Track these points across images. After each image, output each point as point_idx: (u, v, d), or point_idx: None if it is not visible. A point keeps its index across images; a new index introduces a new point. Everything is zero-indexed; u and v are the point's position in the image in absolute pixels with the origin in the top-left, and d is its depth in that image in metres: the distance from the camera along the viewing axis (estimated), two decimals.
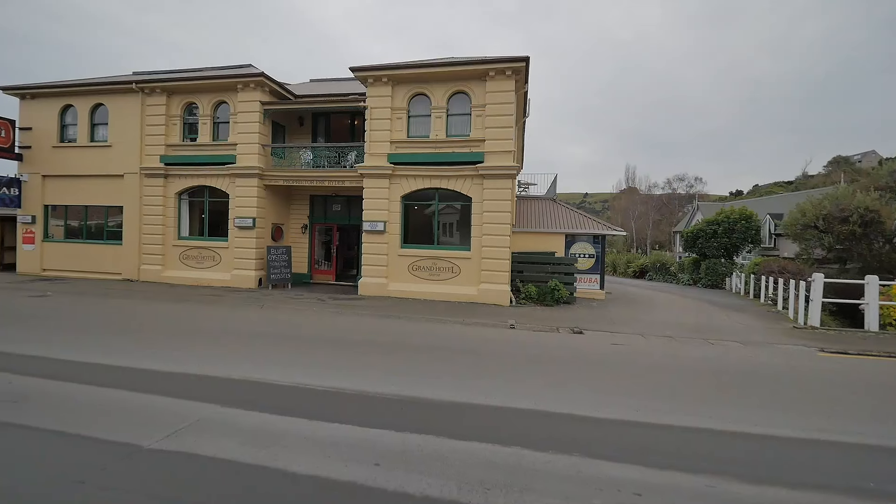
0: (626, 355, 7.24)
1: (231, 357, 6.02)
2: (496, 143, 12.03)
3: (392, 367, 5.85)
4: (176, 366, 5.45)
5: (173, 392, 4.53)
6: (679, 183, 62.56)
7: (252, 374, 5.21)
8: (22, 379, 4.80)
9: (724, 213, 26.26)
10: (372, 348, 6.96)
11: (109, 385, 4.70)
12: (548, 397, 4.81)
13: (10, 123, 15.19)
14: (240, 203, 13.82)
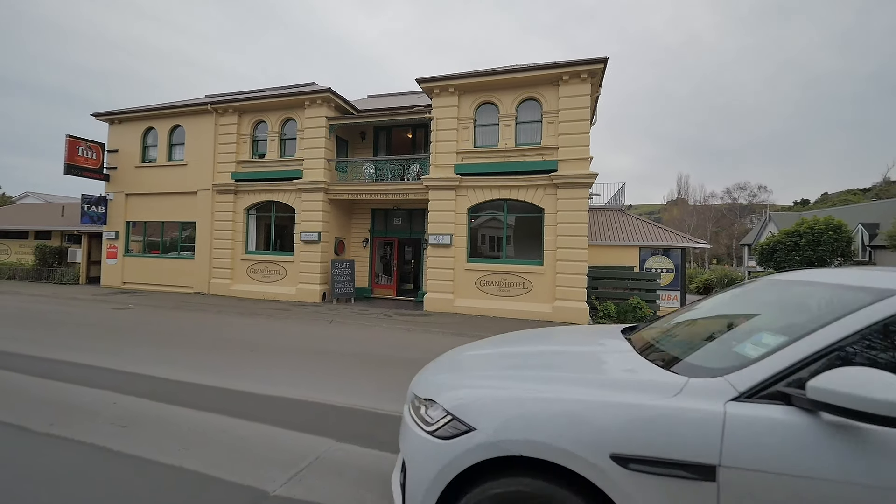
0: None
1: (326, 380, 5.62)
2: (571, 151, 11.31)
3: None
4: (272, 388, 5.09)
5: (279, 420, 4.13)
6: (740, 192, 58.28)
7: (355, 401, 4.75)
8: (124, 399, 4.60)
9: (806, 223, 23.73)
10: None
11: (209, 409, 4.38)
12: None
13: (100, 147, 16.35)
14: (305, 217, 13.91)
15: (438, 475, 1.76)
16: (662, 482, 1.51)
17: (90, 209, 16.17)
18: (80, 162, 15.59)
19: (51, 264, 18.74)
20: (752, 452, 1.44)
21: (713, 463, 1.46)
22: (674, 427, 1.54)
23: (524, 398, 1.77)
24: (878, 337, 1.51)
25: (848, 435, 1.39)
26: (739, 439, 1.46)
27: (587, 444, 1.59)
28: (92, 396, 4.63)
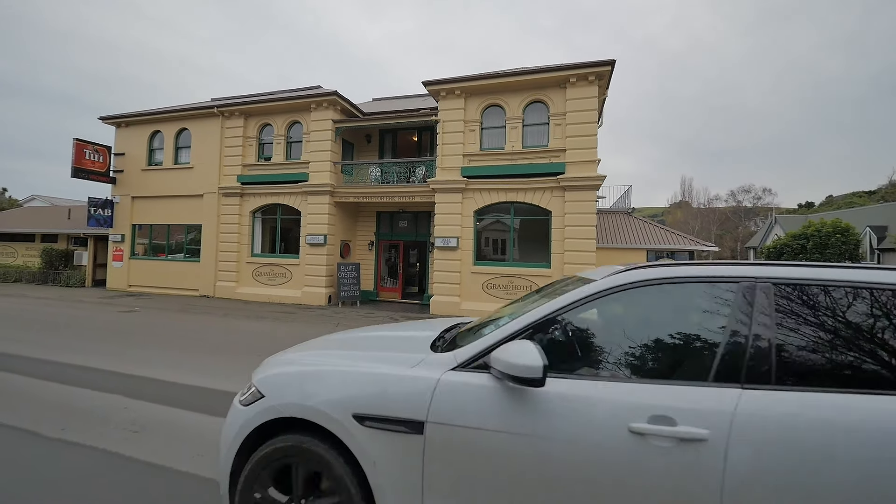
0: None
1: None
2: (578, 153, 11.27)
3: None
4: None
5: None
6: (745, 195, 58.00)
7: None
8: (134, 403, 4.55)
9: (812, 226, 23.48)
10: None
11: (220, 414, 4.31)
12: None
13: (107, 150, 16.42)
14: (311, 220, 13.90)
15: (237, 433, 2.08)
16: (387, 436, 1.82)
17: (96, 212, 16.22)
18: (87, 165, 15.65)
19: (57, 267, 18.78)
20: (449, 410, 1.76)
21: (422, 419, 1.78)
22: (400, 391, 1.86)
23: (304, 371, 2.13)
24: (559, 319, 1.89)
25: (515, 394, 1.72)
26: (442, 400, 1.79)
27: (336, 405, 1.91)
28: (102, 401, 4.59)
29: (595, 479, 1.57)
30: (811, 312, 1.66)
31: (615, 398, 1.64)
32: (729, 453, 1.47)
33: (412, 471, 1.78)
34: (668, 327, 1.84)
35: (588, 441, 1.60)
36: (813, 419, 1.46)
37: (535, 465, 1.64)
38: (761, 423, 1.49)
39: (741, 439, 1.47)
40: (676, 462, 1.51)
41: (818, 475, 1.39)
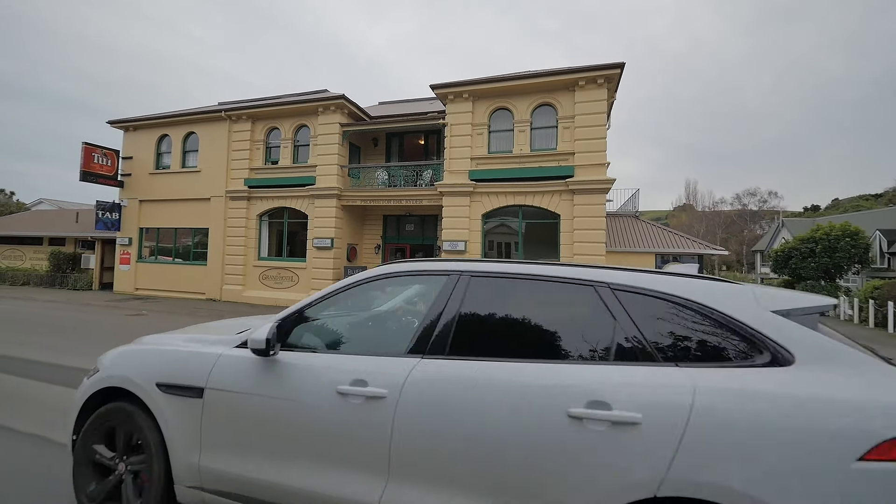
0: None
1: None
2: (587, 156, 11.21)
3: None
4: None
5: None
6: (750, 198, 57.67)
7: None
8: None
9: (821, 229, 23.35)
10: None
11: None
12: None
13: (115, 154, 16.50)
14: (318, 224, 13.88)
15: (78, 400, 2.50)
16: (178, 400, 2.23)
17: (104, 215, 16.27)
18: (95, 169, 15.72)
19: (64, 270, 18.86)
20: (221, 378, 2.18)
21: (202, 386, 2.20)
22: (192, 365, 2.28)
23: (134, 349, 2.55)
24: (316, 305, 2.30)
25: (258, 364, 2.15)
26: (218, 371, 2.20)
27: (146, 377, 2.31)
28: None
29: (311, 428, 1.98)
30: (490, 299, 2.07)
31: (328, 366, 2.07)
32: (398, 406, 1.85)
33: (194, 427, 2.20)
34: (391, 313, 2.40)
35: (305, 399, 2.02)
36: (469, 379, 1.82)
37: (273, 417, 2.07)
38: (428, 384, 1.86)
39: (408, 396, 1.85)
40: (365, 414, 1.89)
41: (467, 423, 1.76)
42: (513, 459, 1.67)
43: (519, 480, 1.66)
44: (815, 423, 1.45)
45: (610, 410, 1.59)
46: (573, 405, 1.63)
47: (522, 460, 1.66)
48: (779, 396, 1.51)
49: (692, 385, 1.57)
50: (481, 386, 1.79)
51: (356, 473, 1.90)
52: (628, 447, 1.54)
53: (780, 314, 1.68)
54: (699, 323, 1.72)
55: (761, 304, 1.72)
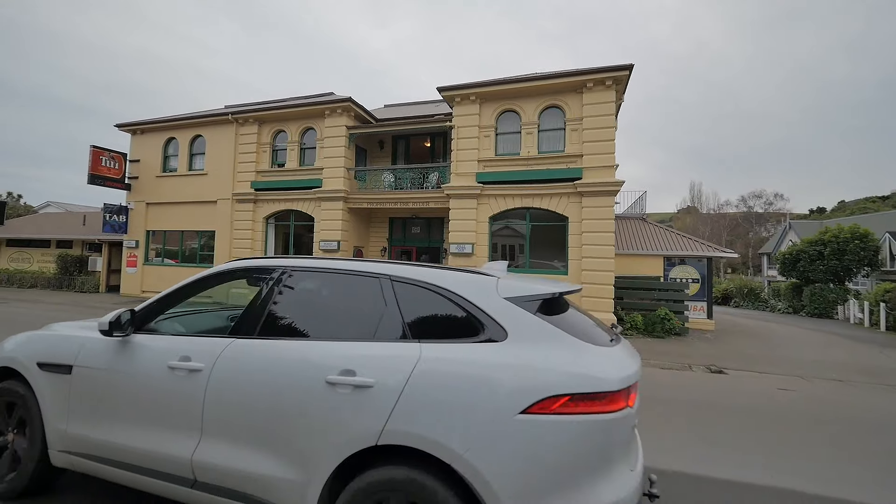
0: (812, 406, 5.85)
1: None
2: (596, 158, 11.13)
3: None
4: None
5: None
6: (756, 200, 57.27)
7: None
8: None
9: (829, 231, 23.15)
10: None
11: None
12: (776, 468, 3.68)
13: (123, 157, 16.57)
14: (325, 226, 13.86)
15: None
16: (53, 376, 2.60)
17: (111, 218, 16.33)
18: (102, 172, 15.79)
19: (72, 273, 18.93)
20: (85, 357, 2.55)
21: (71, 364, 2.57)
22: (67, 346, 2.65)
23: (28, 335, 2.90)
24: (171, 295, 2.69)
25: (109, 343, 2.53)
26: (84, 350, 2.58)
27: (30, 357, 2.71)
28: None
29: (148, 397, 2.36)
30: (297, 290, 2.45)
31: (166, 346, 2.42)
32: (210, 377, 2.22)
33: (64, 399, 2.54)
34: (228, 302, 2.77)
35: (144, 373, 2.39)
36: (265, 355, 2.20)
37: (121, 390, 2.43)
38: (234, 359, 2.23)
39: (219, 369, 2.23)
40: (186, 384, 2.26)
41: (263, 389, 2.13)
42: (290, 416, 2.04)
43: (295, 432, 2.01)
44: (497, 384, 1.80)
45: (354, 377, 1.95)
46: (331, 374, 1.99)
47: (297, 416, 2.02)
48: (478, 364, 1.86)
49: (417, 356, 1.94)
50: (272, 360, 2.16)
51: (178, 433, 2.26)
52: (363, 405, 1.90)
53: (510, 301, 2.01)
54: (448, 307, 2.08)
55: (499, 292, 2.05)
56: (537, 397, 1.74)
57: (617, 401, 1.79)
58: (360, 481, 1.87)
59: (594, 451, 1.75)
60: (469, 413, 1.77)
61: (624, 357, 1.99)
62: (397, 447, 1.85)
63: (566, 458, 1.72)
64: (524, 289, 2.06)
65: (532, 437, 1.72)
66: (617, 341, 2.13)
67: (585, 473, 1.73)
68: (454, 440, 1.75)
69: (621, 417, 1.79)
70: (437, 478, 1.77)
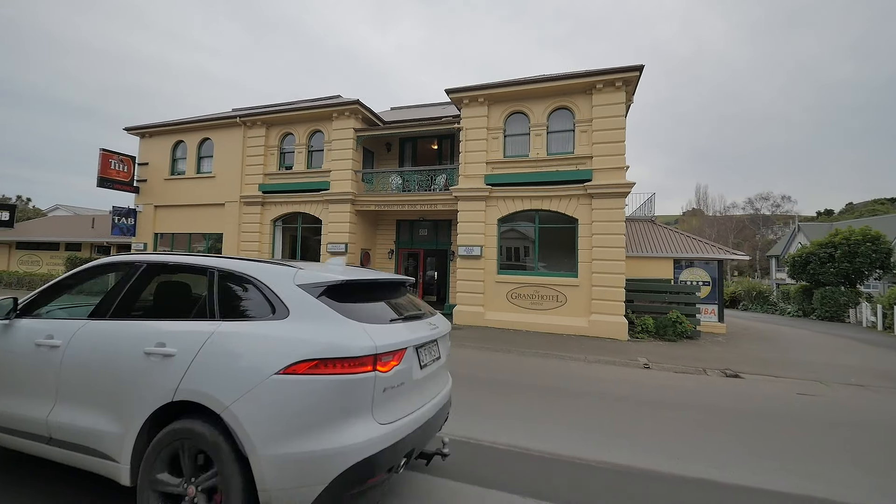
0: (836, 411, 5.71)
1: None
2: (606, 160, 11.04)
3: (554, 418, 4.88)
4: None
5: None
6: (763, 202, 56.79)
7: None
8: None
9: (840, 234, 22.87)
10: (507, 389, 6.04)
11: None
12: (811, 485, 3.57)
13: (131, 160, 16.66)
14: (332, 229, 13.84)
15: None
16: None
17: (120, 221, 16.41)
18: (112, 175, 15.88)
19: None
20: None
21: None
22: None
23: None
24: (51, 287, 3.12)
25: (11, 328, 2.90)
26: None
27: None
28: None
29: (20, 370, 2.78)
30: (147, 279, 2.87)
31: (38, 328, 2.82)
32: (65, 351, 2.64)
33: None
34: (99, 291, 3.04)
35: (18, 350, 2.80)
36: (108, 333, 2.62)
37: (4, 364, 2.83)
38: (85, 337, 2.64)
39: (73, 344, 2.64)
40: (47, 358, 2.67)
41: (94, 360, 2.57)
42: (118, 380, 2.45)
43: (120, 394, 2.43)
44: (263, 351, 2.23)
45: (164, 348, 2.37)
46: (148, 346, 2.41)
47: (122, 381, 2.43)
48: (256, 336, 2.30)
49: (213, 331, 2.35)
50: (112, 336, 2.58)
51: (39, 399, 2.66)
52: (166, 370, 2.32)
53: (301, 287, 2.43)
54: (253, 293, 2.51)
55: (294, 280, 2.47)
56: (291, 361, 2.17)
57: (360, 365, 2.20)
58: (161, 433, 2.30)
59: (336, 403, 2.15)
60: (238, 374, 2.19)
61: (388, 331, 2.42)
62: (189, 403, 2.28)
63: (310, 408, 2.13)
64: (313, 277, 2.49)
65: (284, 391, 2.14)
66: (408, 320, 2.67)
67: (326, 422, 2.13)
68: (224, 395, 2.17)
69: (363, 378, 2.19)
70: (212, 426, 2.19)
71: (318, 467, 2.09)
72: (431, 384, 2.80)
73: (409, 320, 2.67)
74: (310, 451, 2.08)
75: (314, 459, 2.08)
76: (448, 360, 3.13)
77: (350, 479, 2.13)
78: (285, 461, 2.08)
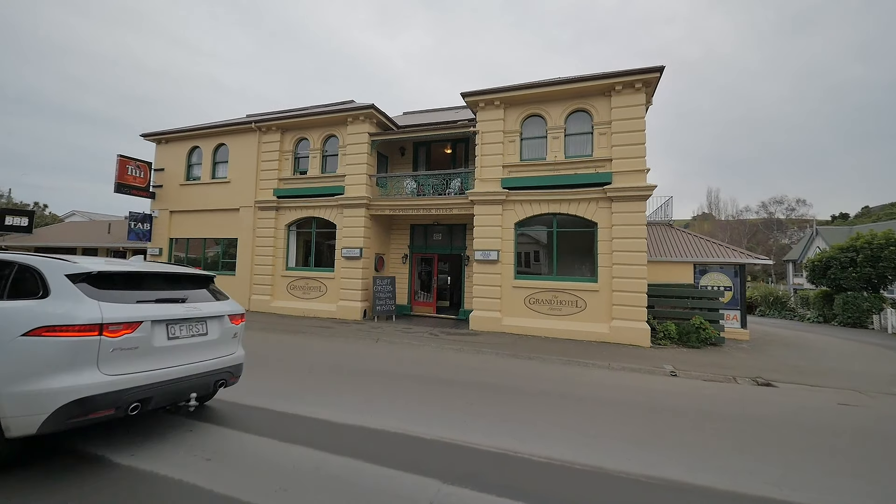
0: (885, 424, 5.42)
1: (394, 406, 5.23)
2: (626, 162, 10.85)
3: (602, 432, 4.68)
4: (363, 418, 4.72)
5: (378, 457, 3.73)
6: (777, 206, 55.88)
7: (440, 432, 4.32)
8: (199, 425, 4.29)
9: (862, 238, 22.30)
10: (542, 400, 5.85)
11: (295, 440, 4.02)
12: None
13: (148, 165, 16.82)
14: (347, 233, 13.78)
15: None
16: None
17: (136, 226, 16.54)
18: (129, 181, 16.02)
19: None
20: None
21: None
22: None
23: None
24: None
25: None
26: None
27: None
28: (168, 420, 4.35)
29: None
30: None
31: None
32: None
33: None
34: None
35: None
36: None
37: None
38: None
39: None
40: None
41: None
42: None
43: None
44: (16, 319, 3.04)
45: None
46: None
47: None
48: (17, 309, 3.11)
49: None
50: None
51: None
52: None
53: (67, 276, 3.24)
54: (34, 280, 3.27)
55: (63, 270, 3.27)
56: (33, 326, 2.98)
57: (87, 331, 3.02)
58: None
59: (64, 357, 2.95)
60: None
61: (125, 309, 3.27)
62: None
63: (45, 359, 2.93)
64: (77, 269, 3.29)
65: (25, 348, 2.95)
66: (162, 302, 3.59)
67: (56, 369, 2.93)
68: None
69: (88, 340, 3.02)
70: None
71: (46, 401, 2.86)
72: (187, 353, 3.66)
73: (163, 302, 3.58)
74: (39, 390, 2.86)
75: (42, 395, 2.86)
76: (234, 339, 4.22)
77: (72, 410, 2.91)
78: (21, 397, 2.86)
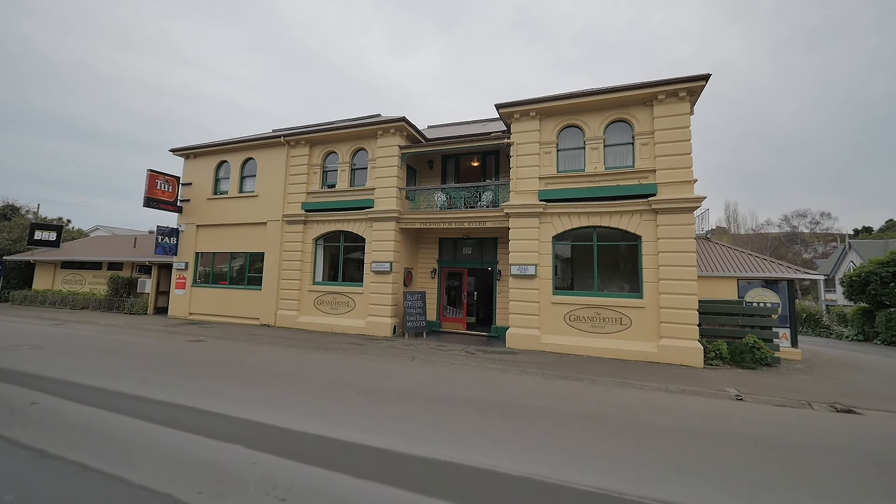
0: None
1: (486, 439, 4.80)
2: (671, 173, 10.44)
3: (673, 463, 4.19)
4: (418, 448, 4.31)
5: (436, 490, 3.31)
6: (800, 220, 54.50)
7: (500, 463, 3.88)
8: (263, 457, 3.92)
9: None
10: (621, 429, 5.36)
11: (369, 477, 3.62)
12: None
13: (176, 180, 16.90)
14: (376, 247, 13.51)
15: None
16: None
17: (163, 240, 16.52)
18: (158, 195, 16.08)
19: (122, 294, 19.20)
20: None
21: None
22: None
23: None
24: None
25: None
26: None
27: None
28: (224, 454, 3.99)
29: None
30: None
31: None
32: None
33: None
34: None
35: None
36: None
37: None
38: None
39: None
40: None
41: None
42: None
43: None
44: None
45: None
46: None
47: None
48: None
49: None
50: None
51: None
52: None
53: None
54: None
55: None
56: None
57: None
58: None
59: None
60: None
61: None
62: None
63: None
64: None
65: None
66: None
67: None
68: None
69: None
70: None
71: None
72: None
73: None
74: None
75: None
76: None
77: None
78: None
